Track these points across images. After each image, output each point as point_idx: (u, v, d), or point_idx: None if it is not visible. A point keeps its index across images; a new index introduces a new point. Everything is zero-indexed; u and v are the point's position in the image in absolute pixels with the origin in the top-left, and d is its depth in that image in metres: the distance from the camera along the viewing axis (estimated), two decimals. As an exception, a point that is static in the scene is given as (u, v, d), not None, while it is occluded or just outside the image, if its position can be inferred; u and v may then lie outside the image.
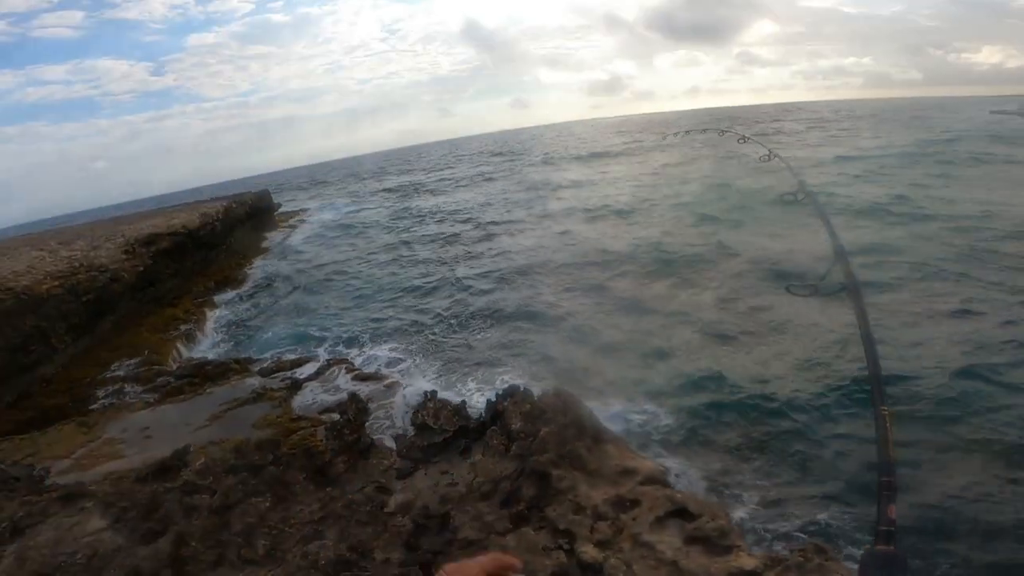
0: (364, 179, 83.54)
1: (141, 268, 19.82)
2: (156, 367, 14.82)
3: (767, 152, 5.15)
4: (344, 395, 10.64)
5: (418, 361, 13.23)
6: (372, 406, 9.43)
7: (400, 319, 16.79)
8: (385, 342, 14.85)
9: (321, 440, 7.59)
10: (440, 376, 12.23)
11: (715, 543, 3.36)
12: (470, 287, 18.36)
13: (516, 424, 5.25)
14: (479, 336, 14.37)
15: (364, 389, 11.06)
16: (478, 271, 20.39)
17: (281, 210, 50.59)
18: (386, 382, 11.71)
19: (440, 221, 32.84)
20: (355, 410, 6.87)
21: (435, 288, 19.51)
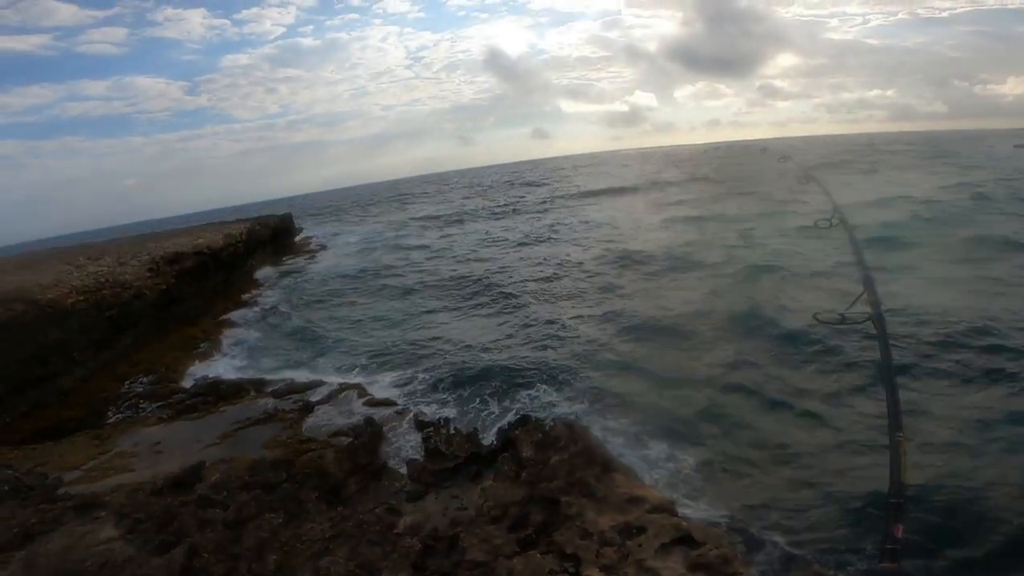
0: (385, 206, 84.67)
1: (164, 286, 20.26)
2: (172, 384, 15.04)
3: (803, 175, 5.16)
4: (354, 419, 10.76)
5: (431, 389, 13.30)
6: (384, 429, 9.52)
7: (416, 348, 16.93)
8: (400, 368, 14.95)
9: (330, 462, 7.67)
10: (453, 404, 12.28)
11: (718, 570, 3.40)
12: (490, 318, 18.43)
13: (527, 452, 5.33)
14: (494, 365, 14.44)
15: (376, 414, 11.14)
16: (500, 305, 20.39)
17: (303, 235, 51.45)
18: (397, 408, 11.78)
19: (461, 257, 32.27)
20: (370, 433, 6.97)
21: (452, 317, 19.70)
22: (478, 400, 12.36)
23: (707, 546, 3.58)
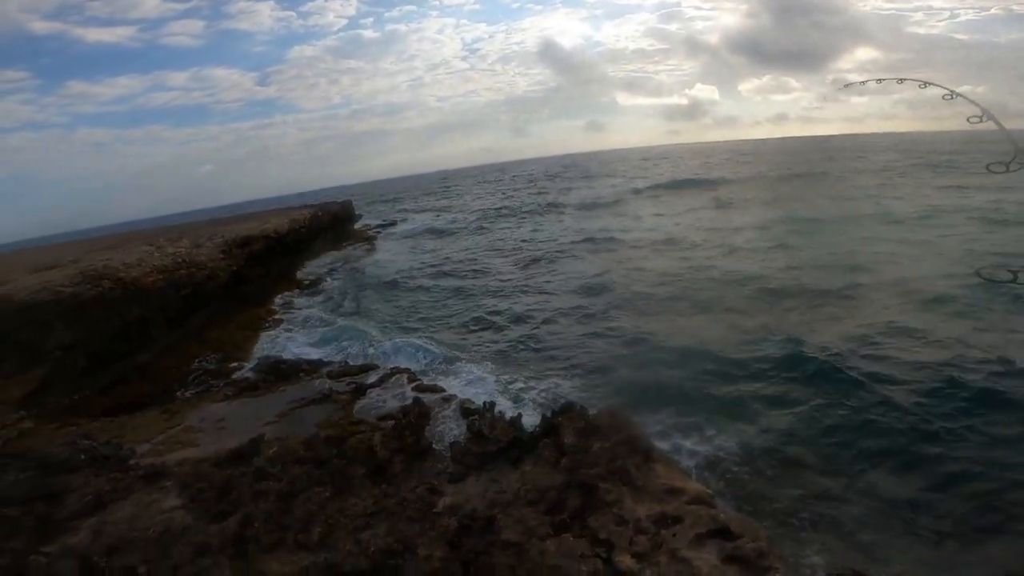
0: (441, 196, 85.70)
1: (235, 268, 21.29)
2: (237, 363, 15.80)
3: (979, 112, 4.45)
4: (404, 403, 10.98)
5: (477, 374, 13.45)
6: (431, 412, 9.70)
7: (465, 334, 17.19)
8: (449, 354, 15.20)
9: (377, 443, 7.85)
10: (495, 389, 12.38)
11: (753, 564, 3.29)
12: (539, 318, 18.35)
13: (569, 439, 5.31)
14: (542, 354, 14.47)
15: (423, 399, 11.34)
16: (553, 299, 20.23)
17: (361, 222, 52.83)
18: (443, 394, 11.92)
19: (512, 248, 32.00)
20: (417, 414, 7.13)
21: (502, 304, 19.83)
22: (520, 386, 12.45)
23: (744, 539, 3.47)
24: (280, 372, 14.28)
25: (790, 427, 9.93)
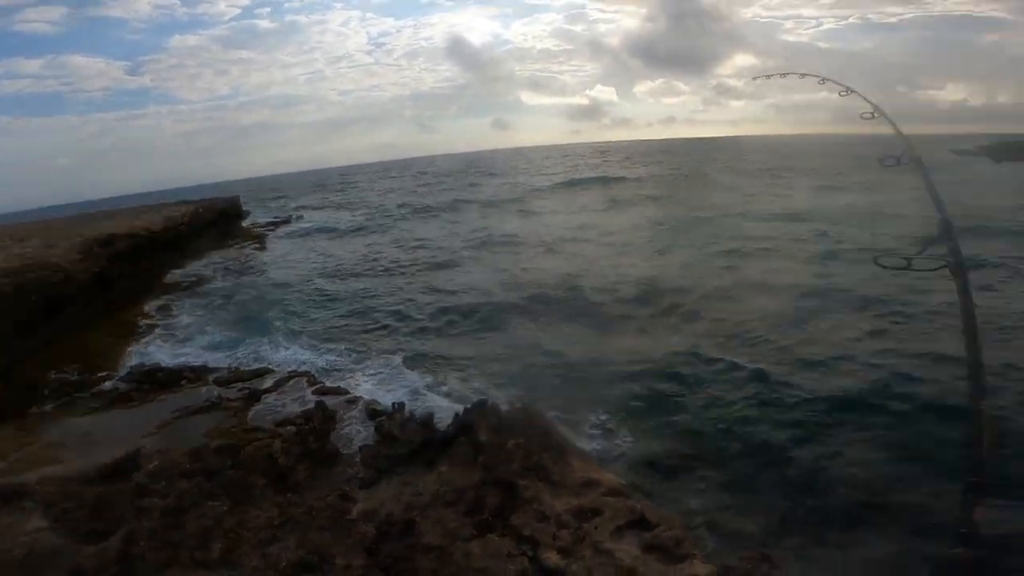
0: (339, 193, 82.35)
1: (96, 269, 19.20)
2: (105, 372, 14.27)
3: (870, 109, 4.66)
4: (304, 407, 10.46)
5: (382, 375, 13.12)
6: (336, 415, 9.32)
7: (362, 330, 16.75)
8: (347, 352, 14.75)
9: (278, 450, 7.42)
10: (405, 389, 12.13)
11: (671, 551, 3.49)
12: (440, 318, 18.10)
13: (483, 436, 5.32)
14: (448, 354, 14.36)
15: (327, 401, 10.86)
16: (446, 295, 20.30)
17: (250, 219, 49.70)
18: (347, 396, 11.48)
19: (410, 244, 31.84)
20: (321, 418, 6.81)
21: (402, 304, 19.45)
22: (427, 385, 12.31)
23: (661, 528, 3.66)
24: (157, 380, 13.05)
25: (680, 423, 10.26)
